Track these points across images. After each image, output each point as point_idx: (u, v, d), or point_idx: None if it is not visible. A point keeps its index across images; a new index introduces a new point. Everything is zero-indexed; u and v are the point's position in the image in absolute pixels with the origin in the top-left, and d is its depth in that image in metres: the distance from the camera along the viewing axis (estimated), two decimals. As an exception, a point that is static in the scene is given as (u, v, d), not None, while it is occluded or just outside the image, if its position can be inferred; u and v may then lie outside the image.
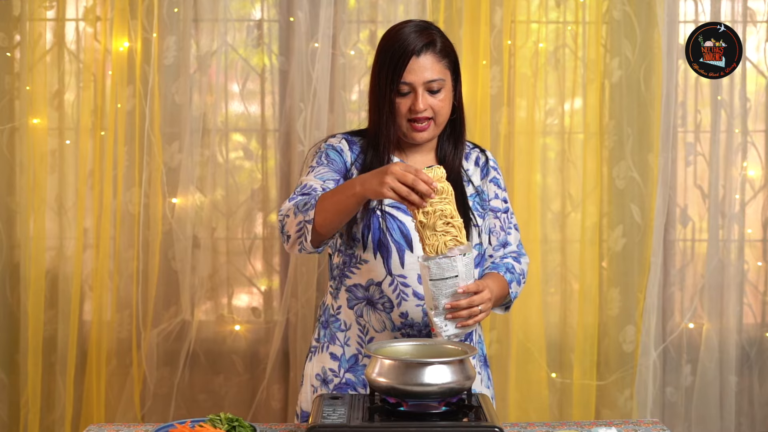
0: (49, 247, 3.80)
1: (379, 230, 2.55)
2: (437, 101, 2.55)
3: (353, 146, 2.65)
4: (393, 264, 2.55)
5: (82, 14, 3.76)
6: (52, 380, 3.79)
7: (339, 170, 2.60)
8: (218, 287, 3.86)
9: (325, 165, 2.61)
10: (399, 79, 2.52)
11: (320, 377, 2.62)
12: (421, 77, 2.53)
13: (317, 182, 2.55)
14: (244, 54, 3.83)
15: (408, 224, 2.56)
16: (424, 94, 2.54)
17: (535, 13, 3.80)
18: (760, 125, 3.91)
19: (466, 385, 2.24)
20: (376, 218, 2.56)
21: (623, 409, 3.84)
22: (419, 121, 2.55)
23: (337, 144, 2.65)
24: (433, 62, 2.55)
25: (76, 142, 3.76)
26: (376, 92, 2.58)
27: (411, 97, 2.54)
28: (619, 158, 3.81)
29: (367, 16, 3.80)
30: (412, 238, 2.55)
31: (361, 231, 2.56)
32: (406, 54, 2.52)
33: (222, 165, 3.83)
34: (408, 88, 2.54)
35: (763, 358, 3.93)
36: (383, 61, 2.55)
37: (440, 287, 2.35)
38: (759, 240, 3.95)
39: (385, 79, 2.54)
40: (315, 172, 2.59)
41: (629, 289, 3.84)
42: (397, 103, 2.55)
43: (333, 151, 2.63)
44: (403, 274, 2.55)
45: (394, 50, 2.53)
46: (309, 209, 2.38)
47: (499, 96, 3.76)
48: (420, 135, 2.57)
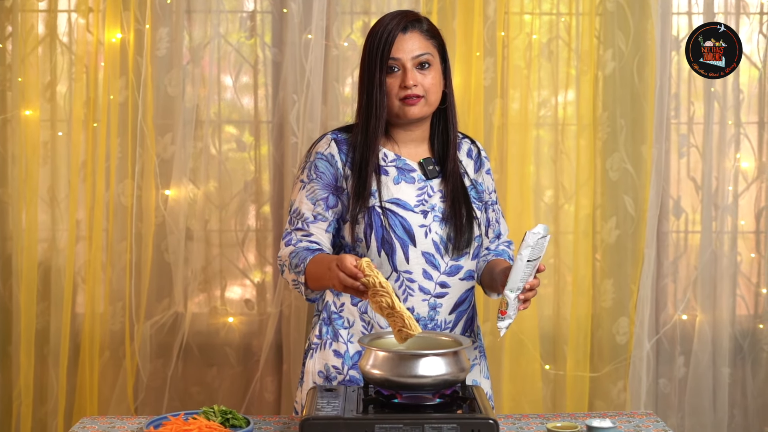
0: (42, 239, 3.79)
1: (382, 227, 2.55)
2: (427, 79, 2.56)
3: (342, 146, 2.62)
4: (398, 260, 2.55)
5: (74, 5, 3.75)
6: (45, 372, 3.79)
7: (329, 184, 2.60)
8: (211, 279, 3.85)
9: (315, 180, 2.61)
10: (387, 57, 2.54)
11: (323, 374, 2.61)
12: (408, 52, 2.55)
13: (308, 207, 2.59)
14: (237, 45, 3.82)
15: (410, 220, 2.56)
16: (413, 70, 2.55)
17: (529, 5, 3.80)
18: (753, 117, 3.92)
19: (460, 377, 2.24)
20: (378, 216, 2.55)
21: (616, 400, 3.85)
22: (410, 97, 2.55)
23: (326, 151, 2.62)
24: (420, 39, 2.58)
25: (68, 133, 3.75)
26: (365, 78, 2.58)
27: (400, 75, 2.55)
28: (613, 150, 3.81)
29: (361, 8, 3.80)
30: (414, 233, 2.55)
31: (363, 231, 2.55)
32: (393, 32, 2.55)
33: (215, 157, 3.82)
34: (397, 65, 2.55)
35: (756, 350, 3.94)
36: (371, 47, 2.57)
37: (530, 268, 2.36)
38: (752, 231, 3.95)
39: (374, 61, 2.55)
40: (306, 191, 2.61)
41: (622, 281, 3.84)
42: (387, 83, 2.56)
43: (322, 161, 2.62)
44: (409, 269, 2.55)
45: (381, 33, 2.56)
46: (300, 273, 2.48)
47: (493, 87, 3.76)
48: (411, 110, 2.56)
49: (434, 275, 2.57)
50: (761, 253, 3.94)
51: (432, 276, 2.57)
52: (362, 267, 2.25)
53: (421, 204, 2.58)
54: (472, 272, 2.65)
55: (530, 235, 2.32)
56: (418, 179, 2.61)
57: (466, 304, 2.64)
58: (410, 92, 2.54)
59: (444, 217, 2.58)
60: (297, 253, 2.54)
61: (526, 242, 2.33)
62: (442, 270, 2.58)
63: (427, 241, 2.56)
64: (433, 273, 2.57)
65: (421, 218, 2.56)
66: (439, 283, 2.58)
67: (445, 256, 2.58)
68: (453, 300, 2.61)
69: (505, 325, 2.39)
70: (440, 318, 2.59)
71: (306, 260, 2.49)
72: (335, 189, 2.60)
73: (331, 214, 2.59)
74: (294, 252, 2.55)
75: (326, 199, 2.59)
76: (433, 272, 2.57)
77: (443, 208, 2.59)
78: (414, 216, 2.56)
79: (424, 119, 2.63)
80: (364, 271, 2.24)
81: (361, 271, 2.25)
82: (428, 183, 2.61)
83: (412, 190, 2.59)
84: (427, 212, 2.57)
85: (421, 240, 2.55)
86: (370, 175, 2.56)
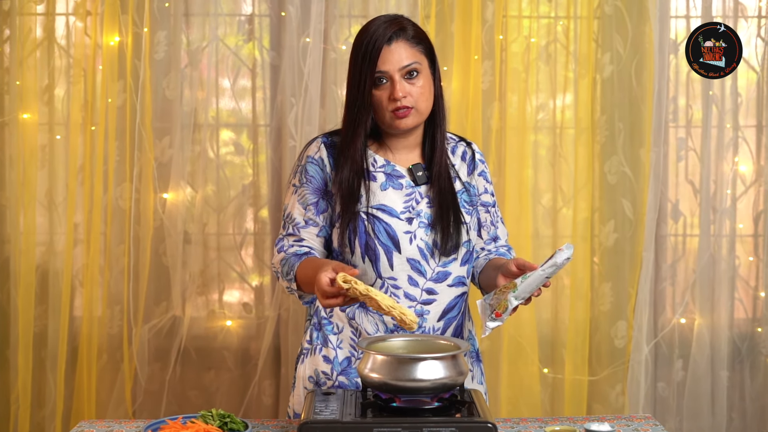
0: (39, 243, 3.78)
1: (366, 234, 2.53)
2: (416, 88, 2.52)
3: (333, 150, 2.61)
4: (382, 267, 2.53)
5: (72, 9, 3.75)
6: (43, 376, 3.78)
7: (318, 188, 2.58)
8: (209, 283, 3.85)
9: (305, 184, 2.60)
10: (374, 70, 2.51)
11: (313, 380, 2.60)
12: (395, 64, 2.51)
13: (300, 212, 2.59)
14: (235, 49, 3.82)
15: (394, 226, 2.54)
16: (401, 81, 2.51)
17: (527, 8, 3.80)
18: (751, 120, 3.92)
19: (458, 380, 2.23)
20: (362, 222, 2.53)
21: (615, 404, 3.85)
22: (400, 109, 2.51)
23: (316, 155, 2.61)
24: (406, 47, 2.53)
25: (66, 137, 3.75)
26: (351, 90, 2.56)
27: (389, 87, 2.52)
28: (611, 153, 3.81)
29: (359, 11, 3.80)
30: (399, 239, 2.53)
31: (348, 237, 2.54)
32: (378, 44, 2.51)
33: (213, 160, 3.82)
34: (385, 77, 2.52)
35: (754, 353, 3.94)
36: (356, 59, 2.54)
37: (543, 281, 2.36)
38: (750, 235, 3.95)
39: (360, 74, 2.52)
40: (298, 194, 2.60)
41: (621, 285, 3.84)
42: (376, 96, 2.53)
43: (312, 165, 2.60)
44: (393, 276, 2.53)
45: (366, 44, 2.52)
46: (292, 280, 2.50)
47: (491, 91, 3.76)
48: (403, 122, 2.52)
49: (420, 282, 2.55)
50: (759, 257, 3.94)
51: (418, 282, 2.54)
52: (339, 284, 2.25)
53: (408, 211, 2.55)
54: (462, 278, 2.62)
55: (560, 255, 2.33)
56: (406, 185, 2.58)
57: (455, 310, 2.61)
58: (400, 104, 2.51)
59: (430, 223, 2.56)
60: (287, 260, 2.54)
61: (554, 261, 2.33)
62: (428, 276, 2.55)
63: (412, 248, 2.54)
64: (419, 279, 2.55)
65: (406, 225, 2.54)
66: (426, 289, 2.55)
67: (431, 261, 2.55)
68: (441, 307, 2.58)
69: (494, 326, 2.39)
70: (428, 325, 2.56)
71: (295, 267, 2.49)
72: (325, 193, 2.59)
73: (321, 219, 2.59)
74: (284, 259, 2.55)
75: (316, 204, 2.58)
76: (419, 279, 2.54)
77: (430, 214, 2.56)
78: (399, 222, 2.54)
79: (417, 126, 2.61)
80: (341, 287, 2.24)
81: (338, 288, 2.25)
82: (416, 189, 2.58)
83: (399, 196, 2.56)
84: (412, 219, 2.55)
85: (405, 246, 2.53)
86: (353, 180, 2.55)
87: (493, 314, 2.38)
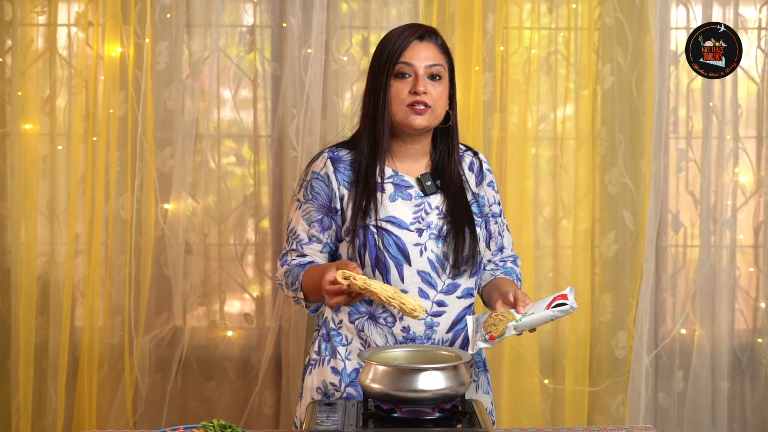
0: (41, 253, 3.78)
1: (375, 247, 2.52)
2: (437, 90, 2.53)
3: (339, 165, 2.59)
4: (392, 279, 2.52)
5: (74, 19, 3.76)
6: (44, 386, 3.78)
7: (323, 205, 2.58)
8: (210, 293, 3.85)
9: (310, 200, 2.59)
10: (397, 60, 2.51)
11: (321, 391, 2.60)
12: (423, 60, 2.53)
13: (303, 228, 2.59)
14: (236, 59, 3.83)
15: (404, 238, 2.53)
16: (424, 78, 2.52)
17: (528, 20, 3.81)
18: (751, 131, 3.92)
19: (459, 391, 2.24)
20: (372, 235, 2.52)
21: (615, 415, 3.85)
22: (419, 104, 2.51)
23: (322, 171, 2.59)
24: (435, 50, 2.56)
25: (67, 147, 3.75)
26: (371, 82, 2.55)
27: (411, 82, 2.52)
28: (611, 164, 3.82)
29: (360, 22, 3.81)
30: (409, 252, 2.53)
31: (357, 250, 2.53)
32: (409, 39, 2.53)
33: (214, 171, 3.82)
34: (410, 71, 2.52)
35: (754, 364, 3.94)
36: (381, 51, 2.55)
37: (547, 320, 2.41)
38: (750, 246, 3.96)
39: (383, 64, 2.52)
40: (302, 210, 2.60)
41: (621, 295, 3.84)
42: (395, 88, 2.52)
43: (318, 181, 2.59)
44: (404, 289, 2.51)
45: (396, 38, 2.54)
46: (297, 289, 2.52)
47: (492, 102, 3.76)
48: (418, 119, 2.52)
49: (431, 294, 2.54)
50: (760, 267, 3.95)
51: (429, 295, 2.54)
52: (339, 281, 2.28)
53: (417, 222, 2.55)
54: (470, 290, 2.62)
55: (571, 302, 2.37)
56: (415, 196, 2.58)
57: (464, 322, 2.60)
58: (419, 99, 2.50)
59: (440, 234, 2.55)
60: (290, 270, 2.56)
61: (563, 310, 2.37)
62: (439, 289, 2.55)
63: (423, 260, 2.53)
64: (430, 292, 2.54)
65: (416, 237, 2.53)
66: (436, 302, 2.55)
67: (443, 275, 2.55)
68: (450, 318, 2.57)
69: (483, 347, 2.40)
70: (437, 337, 2.56)
71: (299, 277, 2.51)
72: (329, 210, 2.58)
73: (325, 236, 2.59)
74: (288, 270, 2.57)
75: (321, 221, 2.58)
76: (429, 291, 2.54)
77: (440, 225, 2.56)
78: (409, 234, 2.53)
79: (426, 134, 2.61)
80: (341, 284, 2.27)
81: (339, 285, 2.27)
82: (425, 200, 2.58)
83: (408, 207, 2.56)
84: (422, 230, 2.54)
85: (416, 259, 2.52)
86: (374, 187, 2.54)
87: (487, 336, 2.39)
